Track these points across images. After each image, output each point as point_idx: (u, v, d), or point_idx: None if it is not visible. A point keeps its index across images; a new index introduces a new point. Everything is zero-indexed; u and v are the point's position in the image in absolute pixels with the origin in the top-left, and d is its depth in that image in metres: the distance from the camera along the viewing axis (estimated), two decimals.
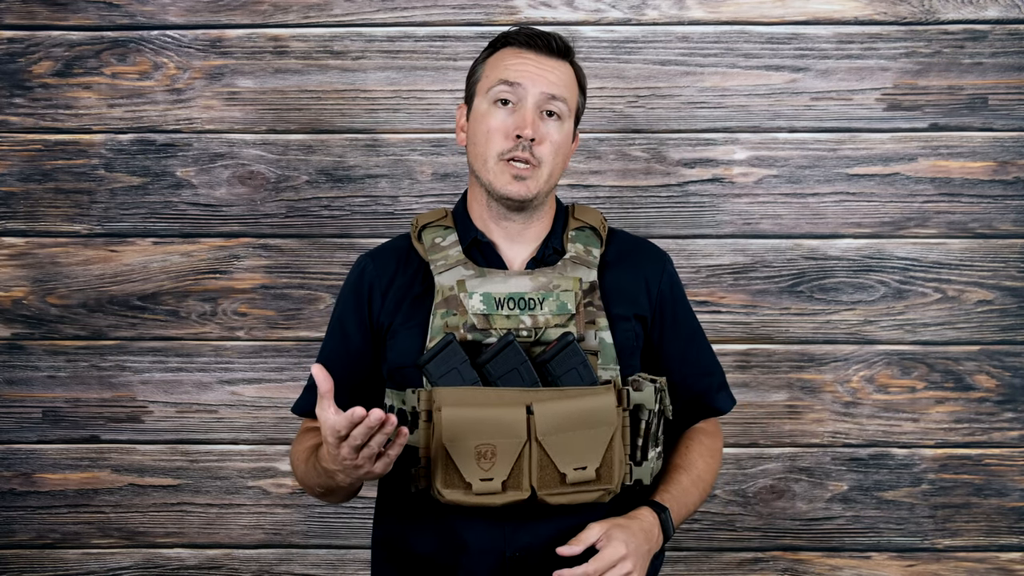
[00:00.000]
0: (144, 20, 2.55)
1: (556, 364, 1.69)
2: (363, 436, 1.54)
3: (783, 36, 2.52)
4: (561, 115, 1.76)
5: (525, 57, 1.76)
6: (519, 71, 1.74)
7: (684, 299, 1.91)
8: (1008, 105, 2.52)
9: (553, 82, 1.75)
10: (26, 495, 2.60)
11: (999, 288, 2.54)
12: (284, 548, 2.60)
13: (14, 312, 2.58)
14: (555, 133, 1.75)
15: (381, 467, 1.60)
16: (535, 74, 1.74)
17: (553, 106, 1.75)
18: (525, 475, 1.66)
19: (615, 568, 1.66)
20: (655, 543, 1.74)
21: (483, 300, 1.72)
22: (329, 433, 1.56)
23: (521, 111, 1.73)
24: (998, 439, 2.55)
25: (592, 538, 1.68)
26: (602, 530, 1.68)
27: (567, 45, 1.79)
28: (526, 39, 1.77)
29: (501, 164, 1.74)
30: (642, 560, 1.70)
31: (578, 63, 1.83)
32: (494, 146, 1.74)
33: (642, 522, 1.73)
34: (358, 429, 1.54)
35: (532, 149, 1.73)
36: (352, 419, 1.53)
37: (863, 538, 2.57)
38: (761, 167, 2.53)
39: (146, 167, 2.56)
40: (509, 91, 1.74)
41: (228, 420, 2.58)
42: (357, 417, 1.53)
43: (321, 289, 2.56)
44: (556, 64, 1.77)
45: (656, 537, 1.74)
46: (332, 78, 2.54)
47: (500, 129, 1.74)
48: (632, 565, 1.67)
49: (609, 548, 1.66)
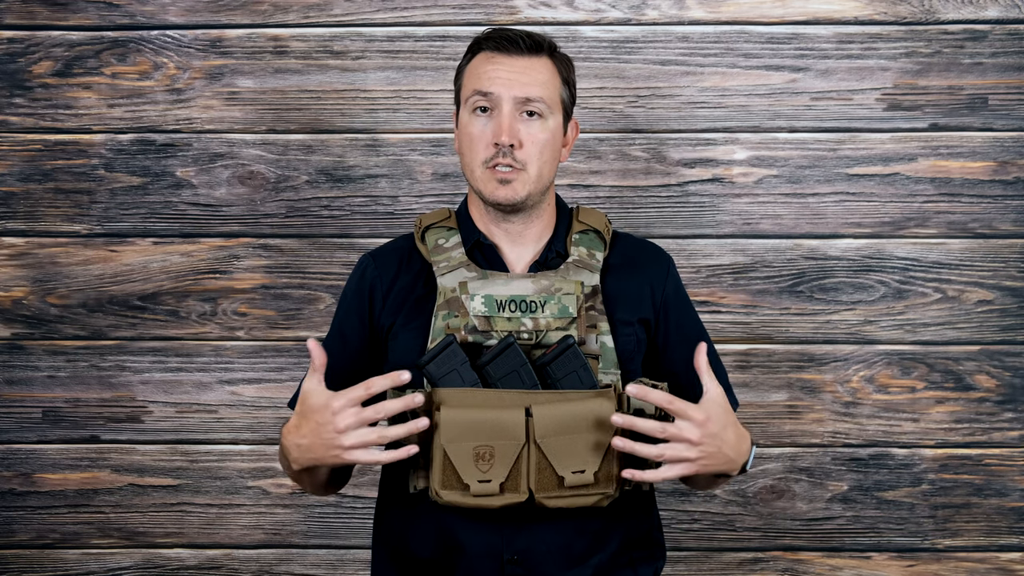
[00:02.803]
0: (144, 20, 2.55)
1: (556, 367, 1.68)
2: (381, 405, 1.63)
3: (783, 36, 2.52)
4: (542, 113, 1.75)
5: (497, 62, 1.76)
6: (491, 78, 1.75)
7: (687, 302, 1.90)
8: (1008, 105, 2.52)
9: (527, 83, 1.74)
10: (26, 495, 2.60)
11: (999, 288, 2.54)
12: (284, 548, 2.60)
13: (14, 312, 2.58)
14: (538, 132, 1.75)
15: (361, 451, 1.63)
16: (507, 79, 1.74)
17: (531, 107, 1.74)
18: (523, 477, 1.66)
19: (678, 444, 1.61)
20: (740, 459, 1.69)
21: (484, 302, 1.72)
22: (324, 402, 1.62)
23: (498, 118, 1.74)
24: (998, 439, 2.55)
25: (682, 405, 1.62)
26: (701, 406, 1.63)
27: (539, 41, 1.78)
28: (495, 44, 1.77)
29: (486, 171, 1.75)
30: (709, 456, 1.63)
31: (560, 54, 1.81)
32: (477, 155, 1.76)
33: (740, 428, 1.69)
34: (380, 381, 1.61)
35: (513, 154, 1.73)
36: (369, 385, 1.61)
37: (863, 538, 2.57)
38: (761, 167, 2.53)
39: (146, 167, 2.56)
40: (484, 100, 1.75)
41: (228, 420, 2.58)
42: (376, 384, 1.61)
43: (321, 289, 2.56)
44: (530, 63, 1.76)
45: (744, 452, 1.69)
46: (332, 78, 2.54)
47: (480, 138, 1.75)
48: (696, 453, 1.62)
49: (692, 414, 1.61)
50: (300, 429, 1.67)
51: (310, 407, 1.65)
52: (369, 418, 1.62)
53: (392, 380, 1.62)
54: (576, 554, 1.74)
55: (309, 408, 1.65)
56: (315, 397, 1.64)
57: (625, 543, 1.79)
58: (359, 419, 1.62)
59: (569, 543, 1.73)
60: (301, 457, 1.69)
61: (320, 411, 1.63)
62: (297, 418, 1.68)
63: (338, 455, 1.64)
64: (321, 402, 1.64)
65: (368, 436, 1.63)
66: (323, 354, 1.65)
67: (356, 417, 1.62)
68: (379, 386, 1.62)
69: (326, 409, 1.63)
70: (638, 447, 1.60)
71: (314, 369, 1.65)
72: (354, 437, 1.63)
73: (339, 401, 1.62)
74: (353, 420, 1.62)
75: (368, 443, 1.63)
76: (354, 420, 1.62)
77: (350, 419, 1.62)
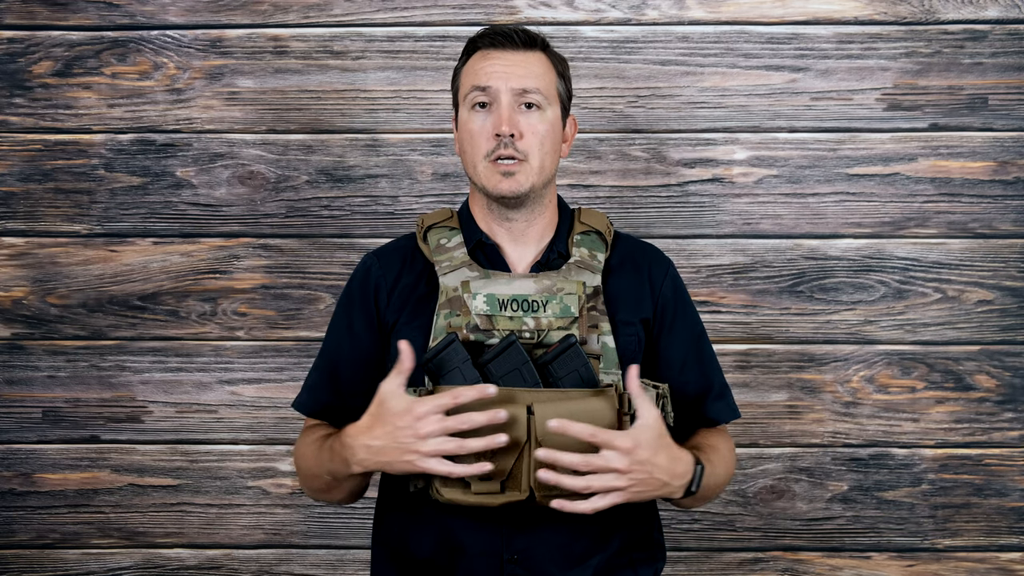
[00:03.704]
0: (144, 20, 2.55)
1: (558, 366, 1.69)
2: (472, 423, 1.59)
3: (783, 36, 2.53)
4: (540, 105, 1.77)
5: (492, 58, 1.78)
6: (488, 73, 1.77)
7: (689, 305, 1.90)
8: (1008, 105, 2.52)
9: (523, 75, 1.76)
10: (26, 495, 2.60)
11: (999, 288, 2.54)
12: (284, 548, 2.60)
13: (14, 312, 2.57)
14: (538, 124, 1.76)
15: (436, 461, 1.60)
16: (503, 72, 1.76)
17: (529, 98, 1.76)
18: (524, 476, 1.66)
19: (605, 474, 1.59)
20: (676, 481, 1.66)
21: (487, 301, 1.72)
22: (407, 406, 1.60)
23: (497, 111, 1.76)
24: (998, 439, 2.56)
25: (605, 435, 1.60)
26: (629, 431, 1.61)
27: (532, 36, 1.80)
28: (490, 40, 1.79)
29: (489, 165, 1.76)
30: (640, 483, 1.61)
31: (553, 50, 1.83)
32: (479, 149, 1.77)
33: (676, 451, 1.66)
34: (468, 392, 1.59)
35: (515, 145, 1.75)
36: (456, 395, 1.59)
37: (863, 538, 2.57)
38: (761, 167, 2.54)
39: (146, 167, 2.56)
40: (483, 95, 1.77)
41: (228, 420, 2.58)
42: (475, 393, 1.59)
43: (321, 289, 2.56)
44: (524, 57, 1.78)
45: (680, 475, 1.66)
46: (332, 78, 2.54)
47: (481, 132, 1.76)
48: (625, 482, 1.60)
49: (617, 443, 1.58)
50: (373, 431, 1.63)
51: (389, 410, 1.61)
52: (452, 427, 1.59)
53: (479, 392, 1.59)
54: (576, 554, 1.74)
55: (388, 411, 1.62)
56: (396, 400, 1.61)
57: (625, 544, 1.79)
58: (442, 427, 1.59)
59: (569, 543, 1.73)
60: (369, 459, 1.65)
61: (401, 415, 1.60)
62: (370, 419, 1.64)
63: (412, 461, 1.61)
64: (403, 406, 1.60)
65: (446, 445, 1.59)
66: (412, 358, 1.61)
67: (439, 424, 1.59)
68: (466, 397, 1.59)
69: (408, 414, 1.60)
70: (564, 479, 1.58)
71: (399, 371, 1.61)
72: (433, 444, 1.59)
73: (424, 407, 1.59)
74: (436, 427, 1.59)
75: (445, 452, 1.59)
76: (437, 427, 1.59)
77: (433, 426, 1.59)
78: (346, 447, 1.68)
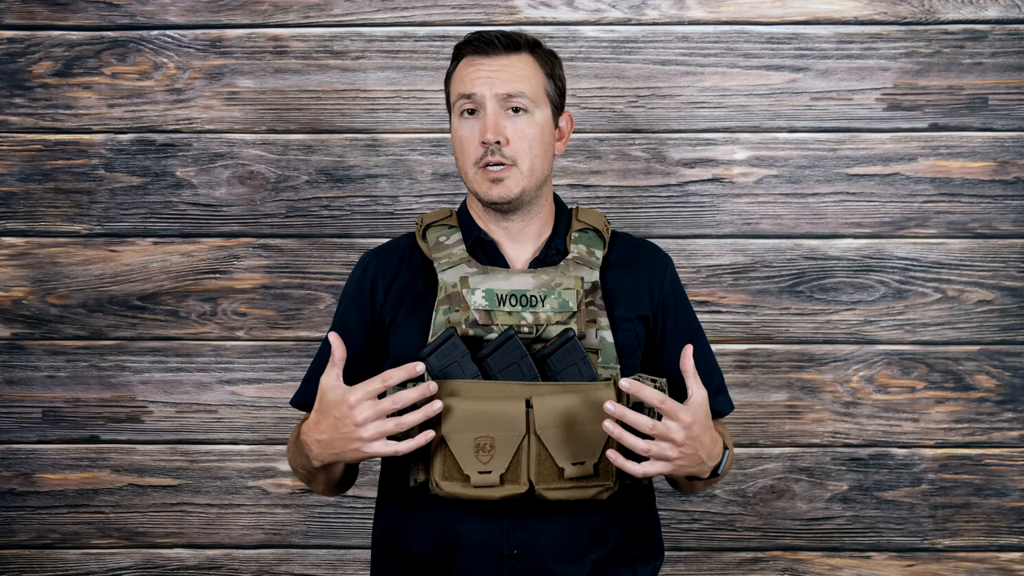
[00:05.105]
0: (144, 20, 2.55)
1: (556, 359, 1.69)
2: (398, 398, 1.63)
3: (783, 36, 2.53)
4: (527, 108, 1.78)
5: (477, 64, 1.79)
6: (472, 80, 1.78)
7: (686, 301, 1.92)
8: (1008, 105, 2.52)
9: (507, 80, 1.77)
10: (26, 495, 2.60)
11: (999, 288, 2.54)
12: (284, 548, 2.60)
13: (14, 312, 2.58)
14: (525, 128, 1.77)
15: (380, 443, 1.63)
16: (487, 78, 1.77)
17: (514, 102, 1.77)
18: (523, 469, 1.67)
19: (663, 442, 1.61)
20: (711, 462, 1.68)
21: (485, 296, 1.73)
22: (342, 396, 1.63)
23: (483, 118, 1.77)
24: (998, 439, 2.55)
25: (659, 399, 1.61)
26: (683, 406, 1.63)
27: (515, 39, 1.81)
28: (474, 47, 1.80)
29: (479, 172, 1.78)
30: (687, 458, 1.63)
31: (543, 49, 1.83)
32: (468, 156, 1.79)
33: (714, 433, 1.69)
34: (396, 373, 1.62)
35: (502, 151, 1.76)
36: (386, 378, 1.62)
37: (863, 538, 2.57)
38: (761, 167, 2.54)
39: (146, 167, 2.56)
40: (469, 102, 1.78)
41: (228, 420, 2.58)
42: (393, 376, 1.62)
43: (321, 289, 2.56)
44: (508, 61, 1.79)
45: (715, 456, 1.69)
46: (332, 78, 2.54)
47: (469, 139, 1.78)
48: (676, 453, 1.62)
49: (681, 415, 1.60)
50: (319, 425, 1.67)
51: (328, 402, 1.65)
52: (386, 409, 1.62)
53: (407, 372, 1.63)
54: (575, 549, 1.74)
55: (327, 404, 1.65)
56: (333, 392, 1.65)
57: (624, 539, 1.79)
58: (377, 411, 1.62)
59: (569, 537, 1.74)
60: (322, 453, 1.69)
61: (338, 406, 1.64)
62: (316, 415, 1.68)
63: (358, 448, 1.64)
64: (338, 397, 1.64)
65: (385, 426, 1.63)
66: (343, 348, 1.66)
67: (374, 409, 1.62)
68: (396, 378, 1.63)
69: (343, 403, 1.63)
70: (628, 437, 1.60)
71: (332, 364, 1.66)
72: (372, 429, 1.63)
73: (356, 395, 1.63)
74: (371, 412, 1.62)
75: (386, 433, 1.63)
76: (372, 412, 1.62)
77: (368, 411, 1.62)
78: (303, 444, 1.72)
